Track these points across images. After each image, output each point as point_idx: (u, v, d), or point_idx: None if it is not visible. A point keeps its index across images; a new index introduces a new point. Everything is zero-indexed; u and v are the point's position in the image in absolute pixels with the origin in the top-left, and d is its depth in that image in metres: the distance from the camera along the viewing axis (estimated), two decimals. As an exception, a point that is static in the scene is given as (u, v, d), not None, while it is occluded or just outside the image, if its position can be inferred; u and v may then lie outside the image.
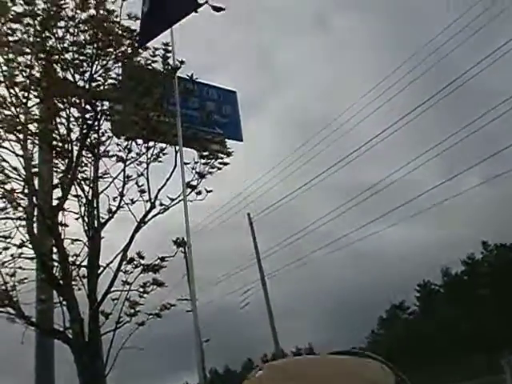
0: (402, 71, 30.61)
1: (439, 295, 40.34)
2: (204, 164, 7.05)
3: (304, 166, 28.26)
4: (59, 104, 6.48)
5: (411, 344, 34.40)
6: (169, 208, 6.73)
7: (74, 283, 6.10)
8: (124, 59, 6.66)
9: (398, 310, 44.10)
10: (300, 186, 27.60)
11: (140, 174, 6.76)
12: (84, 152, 6.56)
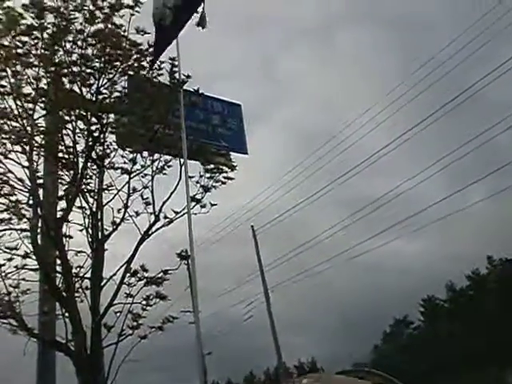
0: (406, 85, 30.66)
1: (444, 310, 39.97)
2: (208, 178, 7.08)
3: (308, 179, 28.16)
4: (66, 116, 6.53)
5: (415, 359, 34.03)
6: (173, 221, 6.74)
7: (77, 295, 6.10)
8: (131, 72, 6.71)
9: (402, 325, 43.71)
10: (304, 199, 27.50)
11: (145, 187, 6.79)
12: (89, 164, 6.60)
